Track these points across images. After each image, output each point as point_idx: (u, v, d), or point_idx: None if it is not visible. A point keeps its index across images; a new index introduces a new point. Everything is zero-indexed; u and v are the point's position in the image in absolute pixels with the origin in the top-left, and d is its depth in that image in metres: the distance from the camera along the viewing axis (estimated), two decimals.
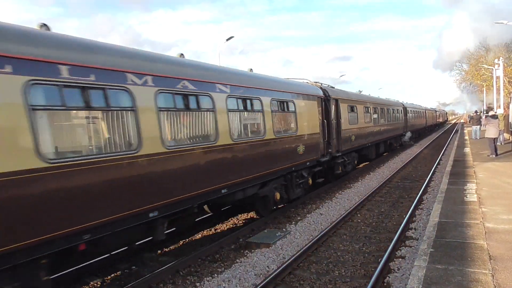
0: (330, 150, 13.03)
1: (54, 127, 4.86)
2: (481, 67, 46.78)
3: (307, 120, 11.28)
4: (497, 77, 34.46)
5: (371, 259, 7.08)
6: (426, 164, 19.80)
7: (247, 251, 7.68)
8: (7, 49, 4.19)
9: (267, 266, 6.84)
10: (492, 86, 39.37)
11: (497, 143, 17.44)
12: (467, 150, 19.67)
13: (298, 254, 7.08)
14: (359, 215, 10.23)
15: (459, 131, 42.32)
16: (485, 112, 35.83)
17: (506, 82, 39.83)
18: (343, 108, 14.58)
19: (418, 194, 11.92)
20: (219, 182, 7.29)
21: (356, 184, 14.59)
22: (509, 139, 21.18)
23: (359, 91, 20.69)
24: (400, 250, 7.32)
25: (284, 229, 8.87)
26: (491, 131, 16.00)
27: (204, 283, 6.19)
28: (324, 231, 8.44)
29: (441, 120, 75.65)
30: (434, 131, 55.78)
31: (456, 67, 56.79)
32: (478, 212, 7.52)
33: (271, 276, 6.11)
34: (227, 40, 24.77)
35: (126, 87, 5.46)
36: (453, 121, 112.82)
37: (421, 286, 4.48)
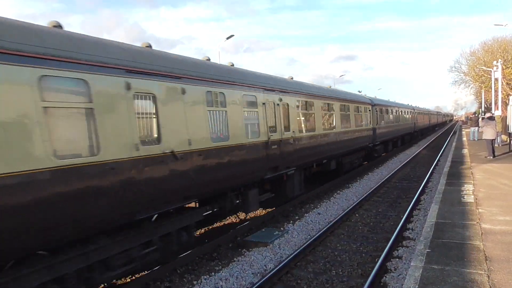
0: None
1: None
2: (480, 68, 46.93)
3: (367, 119, 18.58)
4: (496, 79, 34.56)
5: (368, 259, 7.11)
6: (424, 164, 19.86)
7: (244, 249, 7.70)
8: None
9: (265, 265, 6.86)
10: (491, 87, 39.48)
11: (495, 145, 17.49)
12: (465, 151, 19.73)
13: (295, 253, 7.10)
14: (357, 215, 10.26)
15: (457, 133, 42.42)
16: (483, 114, 35.93)
17: (504, 84, 39.93)
18: (380, 111, 21.63)
19: (415, 194, 11.95)
20: (324, 154, 12.81)
21: (355, 184, 14.62)
22: (506, 141, 21.24)
23: (359, 91, 21.26)
24: (397, 250, 7.35)
25: (282, 228, 8.88)
26: (489, 132, 16.04)
27: (201, 282, 6.20)
28: (322, 230, 8.46)
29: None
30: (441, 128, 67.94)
31: (455, 68, 56.92)
32: (475, 213, 7.55)
33: (269, 275, 6.13)
34: (227, 38, 24.78)
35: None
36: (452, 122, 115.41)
37: (417, 286, 4.50)
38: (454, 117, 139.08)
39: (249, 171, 8.39)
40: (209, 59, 8.30)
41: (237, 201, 8.46)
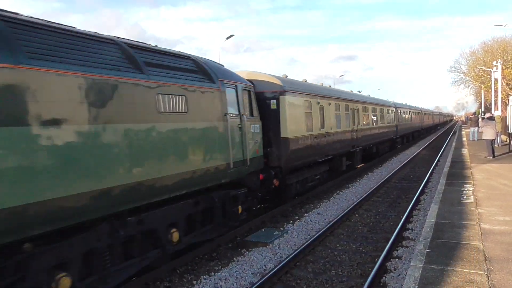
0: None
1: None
2: (479, 68, 46.94)
3: (392, 118, 24.72)
4: (495, 79, 34.57)
5: (368, 259, 7.11)
6: (424, 165, 19.86)
7: (244, 249, 7.70)
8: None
9: (264, 265, 6.85)
10: (490, 88, 39.50)
11: (495, 145, 17.51)
12: (465, 151, 19.74)
13: (295, 253, 7.10)
14: (356, 215, 10.27)
15: (457, 133, 42.46)
16: (482, 114, 35.94)
17: (504, 84, 39.94)
18: (399, 112, 27.90)
19: (415, 194, 11.96)
20: (371, 141, 19.32)
21: (354, 184, 14.63)
22: (506, 141, 21.24)
23: (359, 91, 21.34)
24: (397, 250, 7.35)
25: (281, 228, 8.89)
26: (489, 133, 16.05)
27: (201, 282, 6.20)
28: (322, 230, 8.47)
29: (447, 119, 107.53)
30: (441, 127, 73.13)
31: (454, 68, 56.95)
32: (475, 213, 7.56)
33: (268, 275, 6.13)
34: (227, 38, 24.80)
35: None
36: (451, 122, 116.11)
37: (417, 286, 4.50)
38: (454, 117, 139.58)
39: (345, 145, 14.98)
40: (306, 81, 14.01)
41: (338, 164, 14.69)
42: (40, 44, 4.62)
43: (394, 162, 21.48)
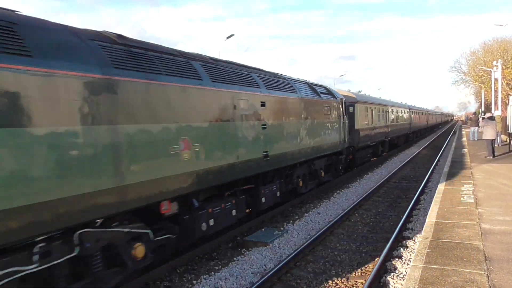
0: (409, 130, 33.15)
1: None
2: (480, 68, 46.93)
3: (407, 118, 31.22)
4: (495, 79, 34.56)
5: (368, 259, 7.11)
6: (424, 164, 19.86)
7: (244, 249, 7.70)
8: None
9: (264, 265, 6.85)
10: (491, 88, 39.48)
11: (495, 145, 17.50)
12: (465, 151, 19.73)
13: (295, 253, 7.10)
14: (356, 214, 10.26)
15: (457, 132, 42.47)
16: (483, 114, 35.94)
17: (504, 84, 39.93)
18: (411, 113, 34.55)
19: (415, 194, 11.96)
20: (397, 134, 27.27)
21: (354, 184, 14.62)
22: (506, 141, 21.23)
23: (359, 91, 21.49)
24: (397, 250, 7.35)
25: (281, 228, 8.88)
26: (489, 132, 16.04)
27: (201, 281, 6.20)
28: (322, 230, 8.47)
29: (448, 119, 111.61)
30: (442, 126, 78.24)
31: (455, 68, 56.93)
32: (475, 213, 7.56)
33: (268, 275, 6.13)
34: (228, 38, 24.78)
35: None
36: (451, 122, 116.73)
37: (417, 286, 4.50)
38: (455, 117, 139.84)
39: (382, 136, 21.29)
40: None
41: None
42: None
43: (394, 162, 21.47)
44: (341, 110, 13.92)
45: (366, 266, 6.76)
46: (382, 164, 20.45)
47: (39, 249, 4.13)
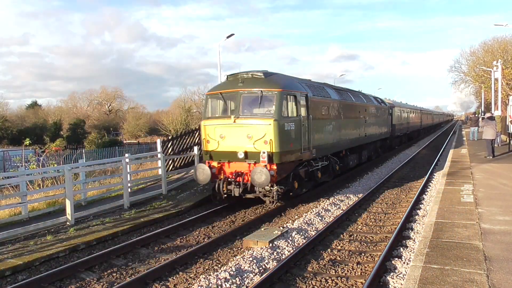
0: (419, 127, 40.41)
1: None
2: (480, 68, 46.94)
3: (419, 117, 39.60)
4: (495, 79, 34.57)
5: (367, 259, 7.11)
6: (424, 164, 19.86)
7: (244, 249, 7.70)
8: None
9: (264, 264, 6.85)
10: (490, 88, 39.49)
11: (494, 145, 17.51)
12: (465, 151, 19.74)
13: (295, 252, 7.09)
14: (356, 214, 10.26)
15: (457, 132, 42.56)
16: (482, 114, 35.95)
17: (504, 84, 39.95)
18: (421, 113, 41.78)
19: (415, 194, 11.96)
20: (411, 129, 35.04)
21: (354, 183, 14.61)
22: (506, 141, 21.25)
23: (359, 90, 21.44)
24: (397, 249, 7.35)
25: (281, 227, 8.87)
26: (489, 132, 16.05)
27: (200, 280, 6.20)
28: (322, 230, 8.46)
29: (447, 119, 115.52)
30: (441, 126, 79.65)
31: (455, 68, 56.94)
32: (475, 213, 7.56)
33: (268, 274, 6.13)
34: (228, 37, 24.72)
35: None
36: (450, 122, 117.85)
37: (417, 285, 4.50)
38: (455, 117, 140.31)
39: (403, 130, 29.69)
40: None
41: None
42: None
43: (394, 161, 21.47)
44: (388, 112, 23.17)
45: (366, 265, 6.75)
46: (382, 164, 20.44)
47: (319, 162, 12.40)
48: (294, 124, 10.24)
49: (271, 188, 9.82)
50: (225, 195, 10.23)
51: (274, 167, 9.61)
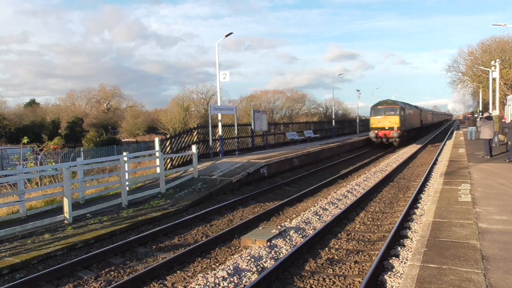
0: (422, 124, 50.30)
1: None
2: (478, 68, 47.05)
3: (422, 116, 46.12)
4: (493, 79, 34.65)
5: (365, 258, 7.12)
6: (422, 164, 19.90)
7: (242, 247, 7.70)
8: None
9: (262, 263, 6.85)
10: (488, 87, 39.58)
11: (492, 144, 17.56)
12: (462, 150, 19.79)
13: (293, 251, 7.10)
14: (354, 213, 10.28)
15: (454, 132, 42.65)
16: (480, 114, 36.05)
17: (502, 84, 40.05)
18: (426, 113, 50.62)
19: (413, 193, 11.98)
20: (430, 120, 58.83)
21: (352, 183, 14.64)
22: (503, 141, 21.30)
23: (357, 90, 21.68)
24: (395, 249, 7.37)
25: (279, 226, 8.89)
26: (486, 132, 16.09)
27: (198, 280, 6.20)
28: (320, 229, 8.47)
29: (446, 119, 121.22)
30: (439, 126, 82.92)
31: (453, 67, 57.04)
32: (472, 212, 7.58)
33: (266, 273, 6.13)
34: (226, 36, 24.64)
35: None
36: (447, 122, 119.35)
37: (414, 284, 4.51)
38: (453, 117, 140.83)
39: (414, 124, 41.48)
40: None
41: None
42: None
43: (393, 161, 21.51)
44: (419, 113, 38.09)
45: (363, 264, 6.77)
46: (380, 163, 20.47)
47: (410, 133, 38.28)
48: (403, 118, 30.70)
49: (397, 139, 29.43)
50: (379, 142, 30.06)
51: (398, 132, 29.40)
